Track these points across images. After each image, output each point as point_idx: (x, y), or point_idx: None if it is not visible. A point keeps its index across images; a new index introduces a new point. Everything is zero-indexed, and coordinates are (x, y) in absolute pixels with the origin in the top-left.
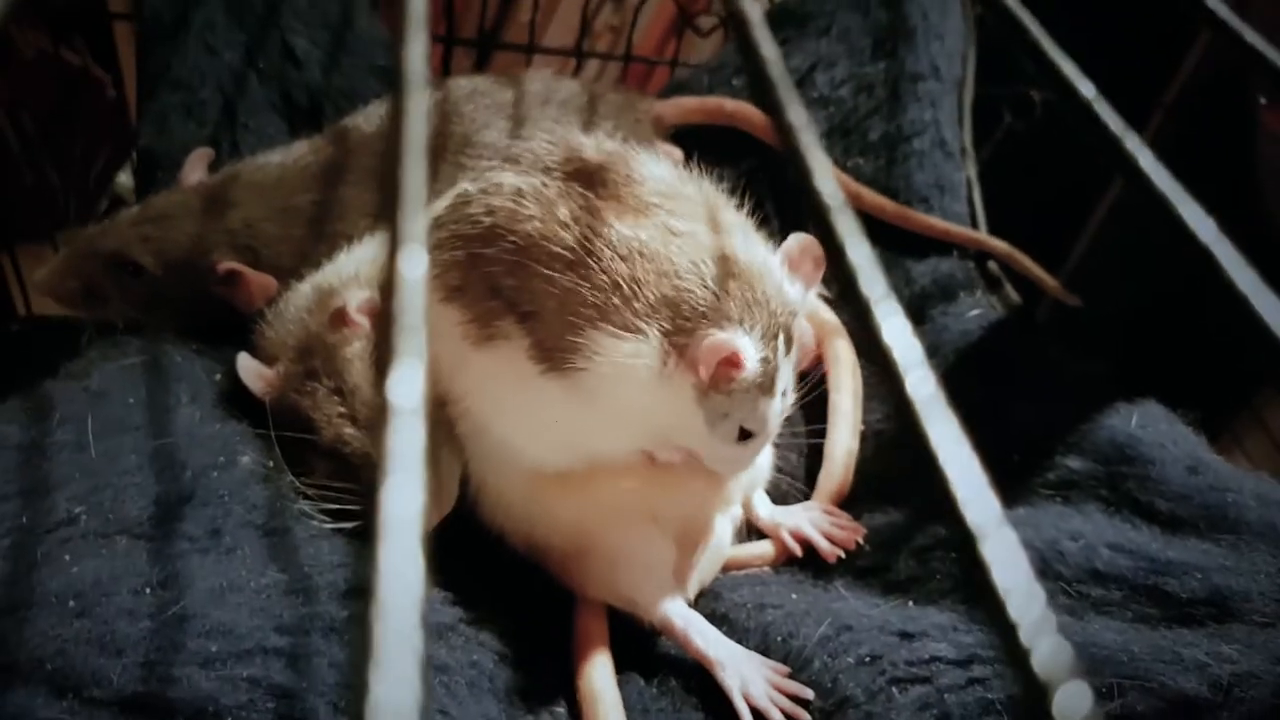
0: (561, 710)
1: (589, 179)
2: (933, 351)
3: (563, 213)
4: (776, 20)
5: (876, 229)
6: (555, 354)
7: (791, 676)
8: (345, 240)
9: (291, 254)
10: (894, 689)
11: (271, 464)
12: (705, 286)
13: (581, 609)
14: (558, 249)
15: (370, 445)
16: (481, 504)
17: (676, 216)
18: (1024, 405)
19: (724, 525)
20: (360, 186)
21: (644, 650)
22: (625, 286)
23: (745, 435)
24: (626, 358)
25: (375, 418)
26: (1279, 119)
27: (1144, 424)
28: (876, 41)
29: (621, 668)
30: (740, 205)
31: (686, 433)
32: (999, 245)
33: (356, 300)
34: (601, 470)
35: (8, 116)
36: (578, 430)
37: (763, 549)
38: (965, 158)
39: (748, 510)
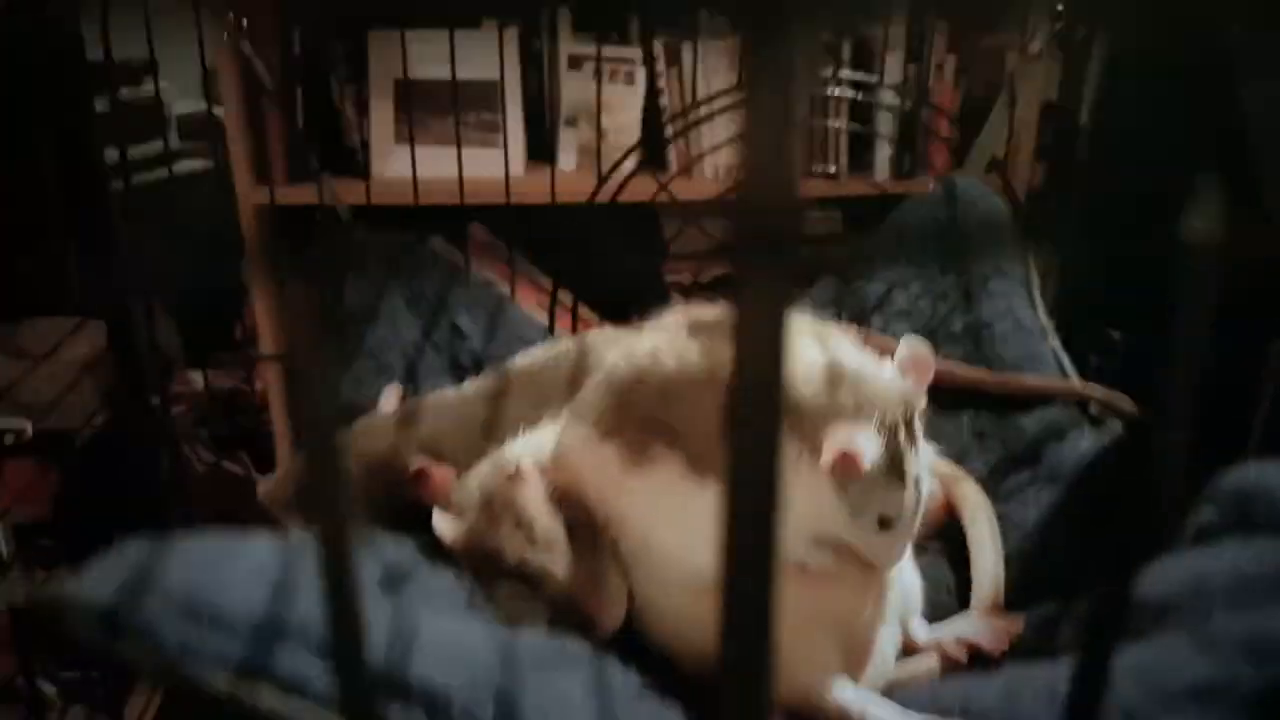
0: None
1: (709, 328)
2: (1054, 477)
3: (693, 349)
4: (851, 266)
5: (981, 401)
6: (705, 462)
7: None
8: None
9: (467, 454)
10: None
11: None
12: (819, 388)
13: None
14: (694, 373)
15: (548, 563)
16: (648, 623)
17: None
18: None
19: (887, 641)
20: (519, 403)
21: None
22: None
23: (885, 524)
24: None
25: (551, 538)
26: None
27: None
28: (942, 265)
29: None
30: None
31: (833, 524)
32: (1096, 390)
33: (528, 462)
34: None
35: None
36: None
37: (928, 663)
38: (1046, 334)
39: (906, 635)
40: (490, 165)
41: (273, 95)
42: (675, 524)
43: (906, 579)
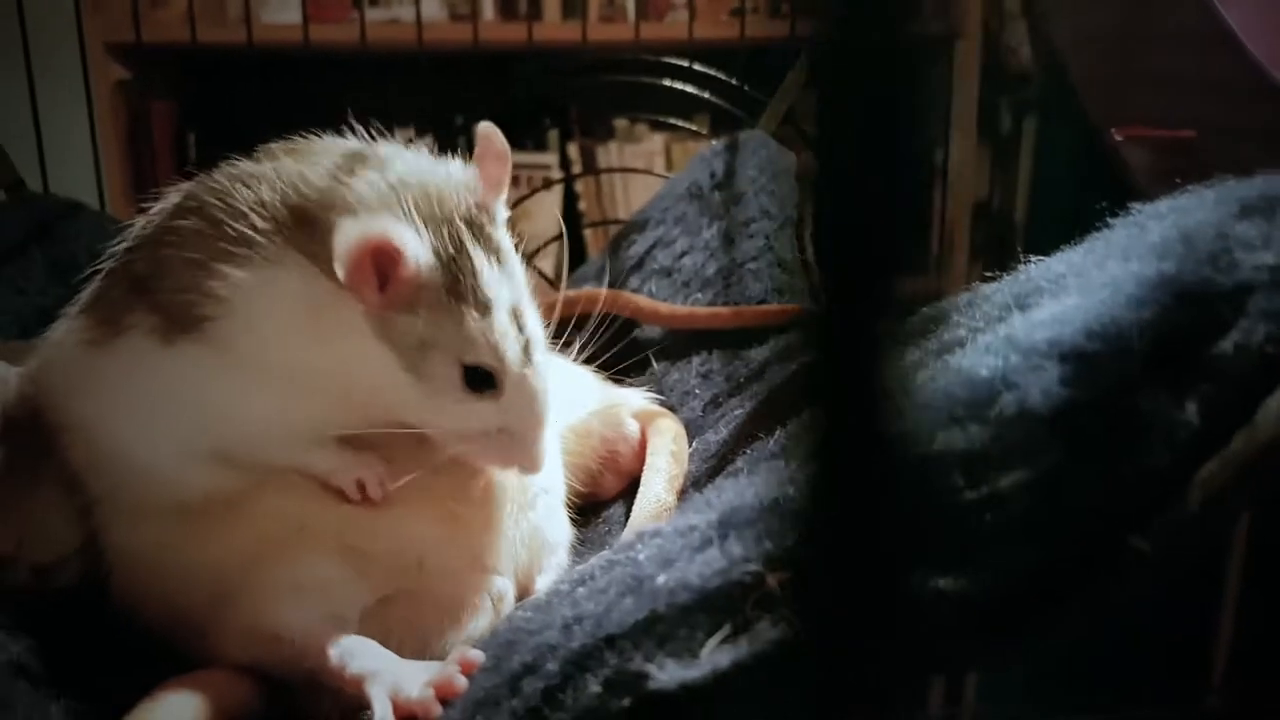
0: None
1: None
2: (761, 393)
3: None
4: (623, 234)
5: (716, 341)
6: (179, 312)
7: None
8: None
9: None
10: None
11: None
12: (335, 180)
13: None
14: (183, 205)
15: None
16: (113, 572)
17: (316, 153)
18: None
19: (480, 601)
20: None
21: None
22: (251, 209)
23: (480, 382)
24: (260, 288)
25: None
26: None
27: None
28: (711, 216)
29: None
30: None
31: (383, 391)
32: None
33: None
34: (268, 486)
35: None
36: (223, 415)
37: None
38: (809, 270)
39: (527, 593)
40: None
41: None
42: (145, 407)
43: (539, 517)
